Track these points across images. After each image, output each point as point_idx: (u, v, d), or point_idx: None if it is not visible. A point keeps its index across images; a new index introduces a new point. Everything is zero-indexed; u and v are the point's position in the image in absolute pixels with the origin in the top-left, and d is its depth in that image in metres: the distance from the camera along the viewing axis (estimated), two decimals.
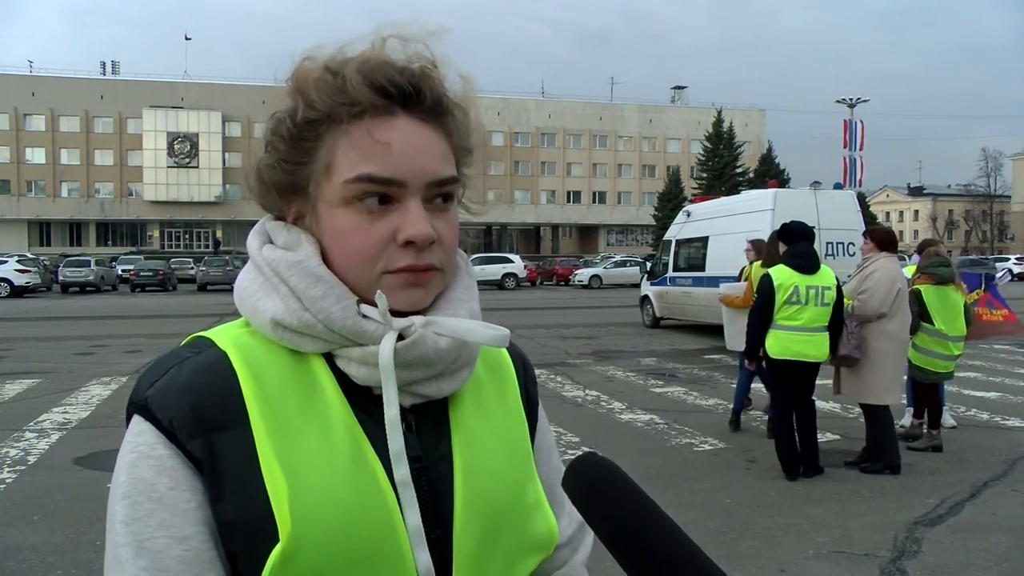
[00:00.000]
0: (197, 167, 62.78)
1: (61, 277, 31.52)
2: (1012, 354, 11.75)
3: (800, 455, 5.25)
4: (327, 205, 0.73)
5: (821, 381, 5.48)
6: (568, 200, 71.69)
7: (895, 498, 4.88)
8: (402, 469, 0.70)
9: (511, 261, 36.63)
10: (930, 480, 5.24)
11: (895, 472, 5.31)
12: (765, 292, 5.25)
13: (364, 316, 0.72)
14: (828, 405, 7.39)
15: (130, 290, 33.56)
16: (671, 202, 48.97)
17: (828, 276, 5.27)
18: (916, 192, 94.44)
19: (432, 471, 0.74)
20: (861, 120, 35.32)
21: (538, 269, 42.32)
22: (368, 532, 0.68)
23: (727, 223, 13.33)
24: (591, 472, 0.60)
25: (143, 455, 0.67)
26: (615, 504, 0.58)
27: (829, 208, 12.39)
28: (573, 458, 0.61)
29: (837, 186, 14.88)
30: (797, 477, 5.21)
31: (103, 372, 9.87)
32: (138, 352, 12.02)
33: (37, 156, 62.30)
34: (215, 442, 0.67)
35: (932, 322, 5.90)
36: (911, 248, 11.25)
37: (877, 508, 4.68)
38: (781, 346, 5.20)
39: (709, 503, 4.79)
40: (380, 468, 0.70)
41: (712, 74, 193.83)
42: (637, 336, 14.90)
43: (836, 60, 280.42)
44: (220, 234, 61.54)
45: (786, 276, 5.20)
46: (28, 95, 61.14)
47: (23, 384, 8.98)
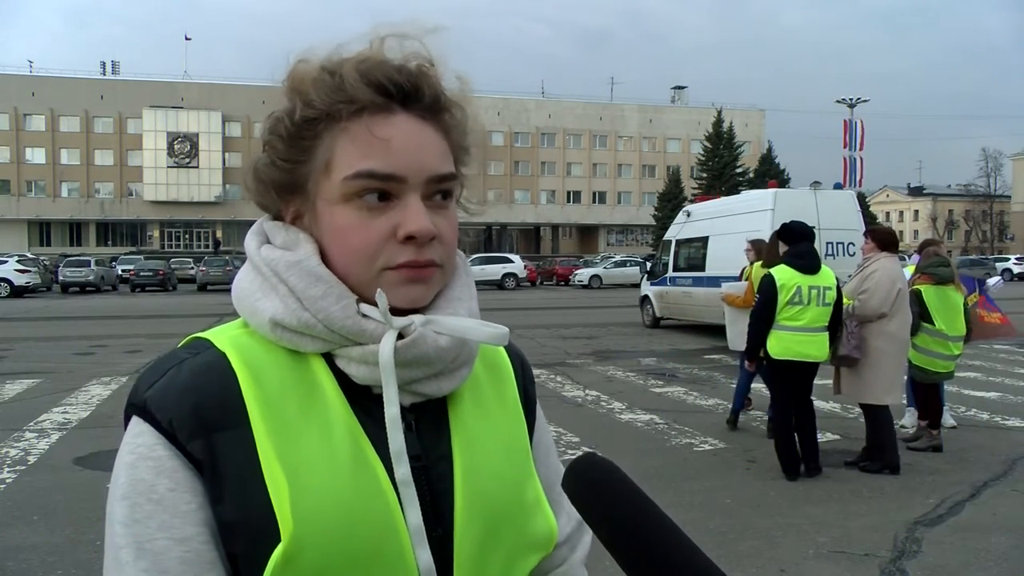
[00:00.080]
0: (197, 167, 62.80)
1: (61, 277, 31.52)
2: (1012, 354, 11.75)
3: (800, 455, 5.25)
4: (326, 203, 0.73)
5: (821, 381, 5.48)
6: (568, 200, 71.69)
7: (895, 498, 4.88)
8: (403, 468, 0.70)
9: (511, 261, 36.63)
10: (930, 480, 5.24)
11: (895, 472, 5.31)
12: (768, 292, 5.23)
13: (364, 315, 0.72)
14: (828, 405, 7.39)
15: (130, 290, 33.55)
16: (671, 202, 48.97)
17: (829, 276, 5.27)
18: (916, 192, 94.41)
19: (432, 470, 0.74)
20: (861, 120, 35.36)
21: (538, 269, 42.31)
22: (369, 531, 0.68)
23: (727, 223, 13.34)
24: (590, 472, 0.60)
25: (143, 456, 0.67)
26: (614, 504, 0.58)
27: (829, 208, 12.39)
28: (573, 458, 0.61)
29: (837, 186, 14.88)
30: (797, 477, 5.21)
31: (103, 372, 9.87)
32: (138, 352, 12.02)
33: (37, 156, 62.32)
34: (215, 443, 0.66)
35: (932, 322, 5.90)
36: (911, 248, 11.26)
37: (877, 508, 4.68)
38: (783, 346, 5.20)
39: (709, 503, 4.79)
40: (381, 467, 0.70)
41: (712, 74, 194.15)
42: (637, 336, 14.90)
43: (836, 60, 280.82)
44: (220, 234, 61.54)
45: (789, 276, 5.19)
46: (28, 95, 61.15)
47: (23, 384, 8.98)
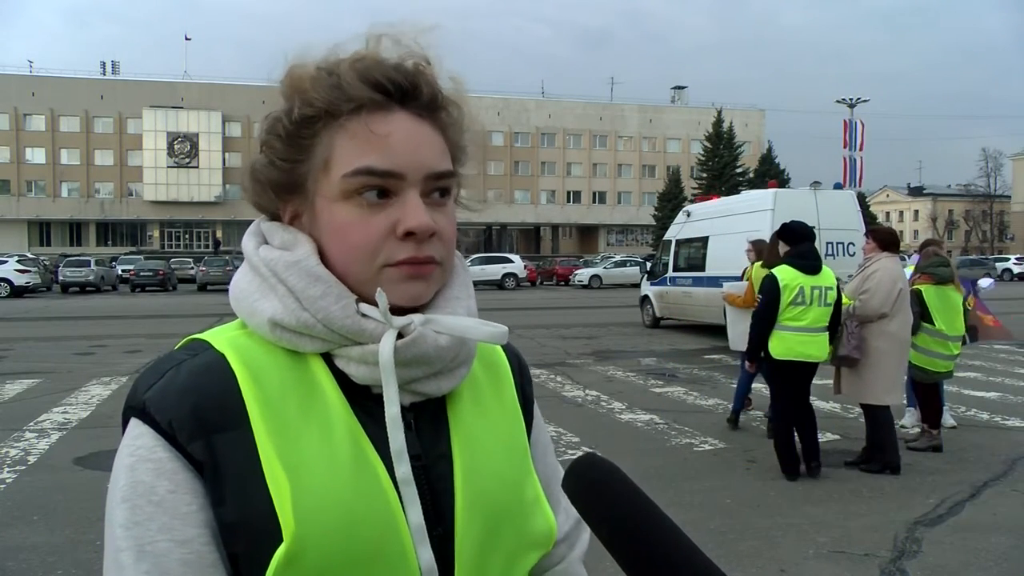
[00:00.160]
0: (197, 167, 62.80)
1: (61, 277, 31.51)
2: (1012, 354, 11.75)
3: (800, 455, 5.25)
4: (326, 201, 0.73)
5: (821, 381, 5.47)
6: (568, 200, 71.68)
7: (895, 498, 4.88)
8: (403, 467, 0.70)
9: (511, 261, 36.63)
10: (930, 480, 5.24)
11: (895, 472, 5.31)
12: (771, 293, 5.20)
13: (363, 315, 0.72)
14: (828, 405, 7.39)
15: (130, 290, 33.55)
16: (671, 202, 48.98)
17: (829, 276, 5.28)
18: (916, 192, 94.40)
19: (432, 469, 0.74)
20: (861, 120, 35.32)
21: (538, 269, 42.31)
22: (371, 531, 0.68)
23: (727, 223, 13.34)
24: (590, 473, 0.60)
25: (142, 458, 0.66)
26: (614, 505, 0.58)
27: (829, 208, 12.39)
28: (573, 459, 0.61)
29: (837, 186, 14.88)
30: (797, 477, 5.20)
31: (103, 372, 9.87)
32: (138, 352, 12.02)
33: (37, 156, 62.31)
34: (215, 443, 0.66)
35: (932, 322, 5.90)
36: (911, 248, 11.26)
37: (877, 508, 4.68)
38: (785, 347, 5.18)
39: (709, 503, 4.79)
40: (381, 466, 0.70)
41: (712, 74, 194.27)
42: (637, 336, 14.90)
43: (836, 60, 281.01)
44: (220, 234, 61.52)
45: (792, 277, 5.18)
46: (28, 95, 61.15)
47: (23, 384, 8.98)
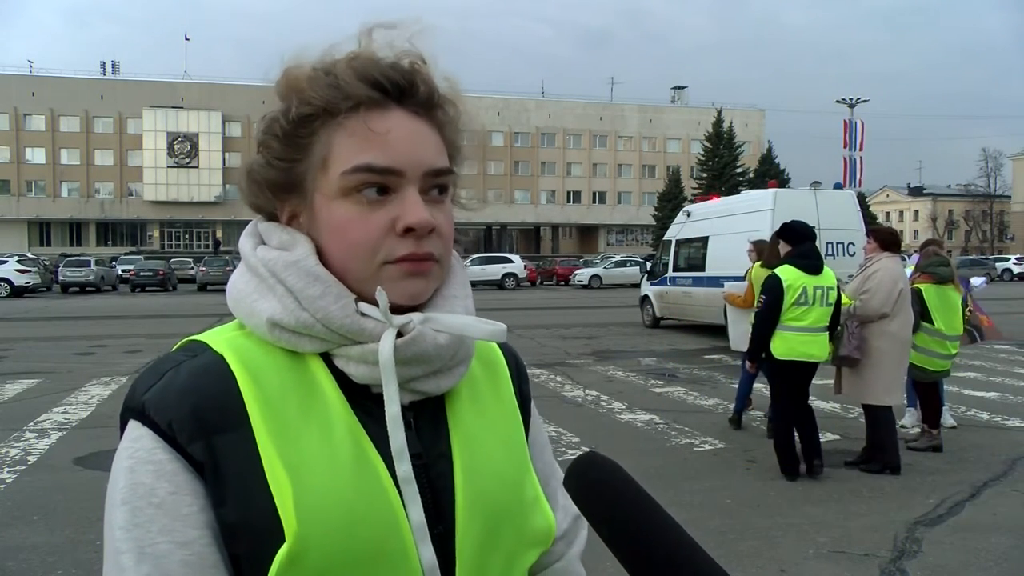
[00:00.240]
0: (197, 167, 62.80)
1: (61, 277, 31.50)
2: (1012, 354, 11.74)
3: (800, 455, 5.24)
4: (325, 199, 0.73)
5: (821, 381, 5.47)
6: (568, 200, 71.68)
7: (895, 498, 4.88)
8: (404, 465, 0.70)
9: (511, 261, 36.64)
10: (930, 480, 5.24)
11: (895, 472, 5.30)
12: (775, 293, 5.18)
13: (362, 314, 0.72)
14: (828, 405, 7.39)
15: (130, 290, 33.55)
16: (671, 202, 48.97)
17: (830, 276, 5.28)
18: (916, 192, 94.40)
19: (432, 468, 0.74)
20: (861, 120, 35.28)
21: (538, 269, 42.31)
22: (372, 530, 0.68)
23: (727, 223, 13.34)
24: (592, 472, 0.60)
25: (142, 460, 0.66)
26: (615, 504, 0.58)
27: (829, 208, 12.39)
28: (574, 457, 0.61)
29: (837, 186, 14.87)
30: (797, 477, 5.20)
31: (103, 372, 9.86)
32: (138, 352, 12.01)
33: (37, 156, 62.31)
34: (216, 444, 0.66)
35: (932, 321, 5.90)
36: (911, 248, 11.25)
37: (877, 508, 4.68)
38: (788, 347, 5.17)
39: (709, 503, 4.78)
40: (382, 466, 0.70)
41: (712, 74, 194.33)
42: (637, 336, 14.90)
43: (836, 60, 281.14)
44: (220, 234, 61.51)
45: (795, 277, 5.17)
46: (28, 95, 61.15)
47: (23, 384, 8.98)
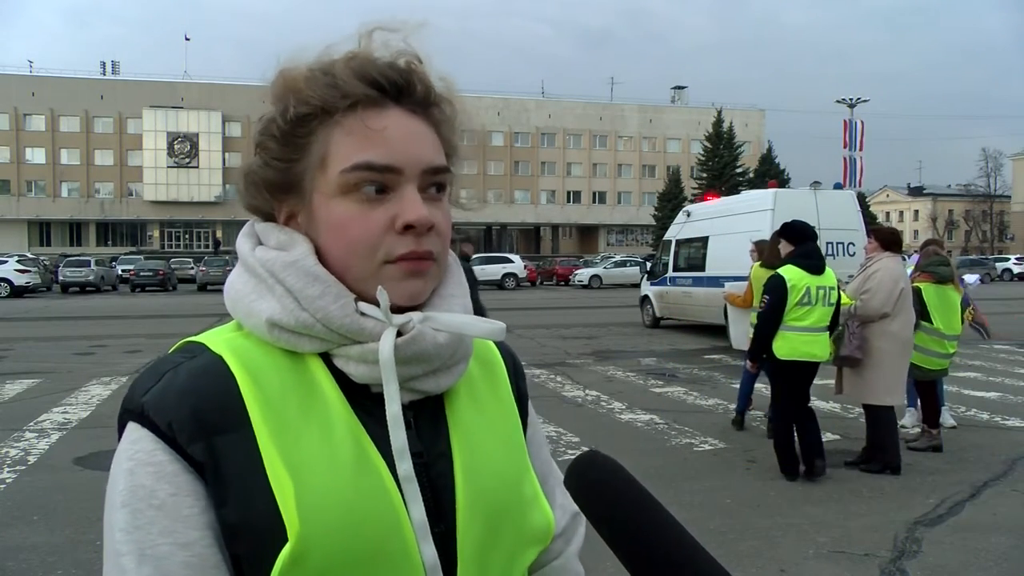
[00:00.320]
0: (197, 167, 62.77)
1: (61, 277, 31.52)
2: (1012, 354, 11.75)
3: (801, 455, 5.24)
4: (323, 197, 0.73)
5: (821, 381, 5.47)
6: (568, 200, 71.66)
7: (895, 498, 4.88)
8: (405, 464, 0.70)
9: (511, 261, 36.70)
10: (930, 480, 5.24)
11: (895, 472, 5.30)
12: (779, 293, 5.15)
13: (362, 314, 0.72)
14: (828, 405, 7.39)
15: (130, 290, 33.57)
16: (671, 202, 48.95)
17: (832, 276, 5.28)
18: (916, 192, 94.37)
19: (432, 467, 0.74)
20: (861, 120, 35.25)
21: (538, 269, 42.33)
22: (374, 529, 0.68)
23: (727, 223, 13.34)
24: (593, 471, 0.60)
25: (141, 462, 0.66)
26: (616, 504, 0.58)
27: (829, 208, 12.38)
28: (575, 457, 0.61)
29: (837, 186, 14.87)
30: (797, 477, 5.20)
31: (103, 372, 9.86)
32: (138, 352, 12.02)
33: (37, 156, 62.28)
34: (216, 445, 0.66)
35: (931, 321, 5.90)
36: (911, 248, 11.26)
37: (877, 508, 4.68)
38: (790, 347, 5.16)
39: (709, 503, 4.79)
40: (383, 465, 0.70)
41: (712, 74, 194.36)
42: (637, 336, 14.90)
43: (836, 60, 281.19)
44: (220, 234, 61.47)
45: (799, 277, 5.16)
46: (28, 95, 61.13)
47: (23, 384, 8.98)
